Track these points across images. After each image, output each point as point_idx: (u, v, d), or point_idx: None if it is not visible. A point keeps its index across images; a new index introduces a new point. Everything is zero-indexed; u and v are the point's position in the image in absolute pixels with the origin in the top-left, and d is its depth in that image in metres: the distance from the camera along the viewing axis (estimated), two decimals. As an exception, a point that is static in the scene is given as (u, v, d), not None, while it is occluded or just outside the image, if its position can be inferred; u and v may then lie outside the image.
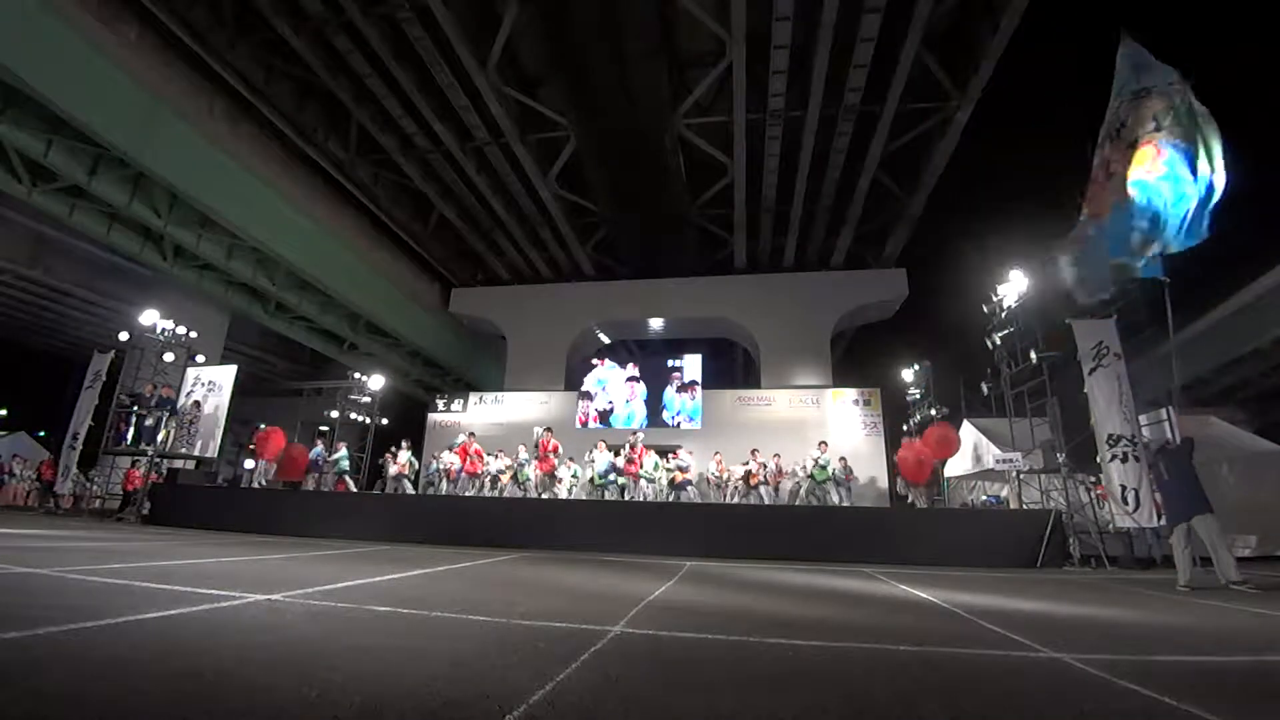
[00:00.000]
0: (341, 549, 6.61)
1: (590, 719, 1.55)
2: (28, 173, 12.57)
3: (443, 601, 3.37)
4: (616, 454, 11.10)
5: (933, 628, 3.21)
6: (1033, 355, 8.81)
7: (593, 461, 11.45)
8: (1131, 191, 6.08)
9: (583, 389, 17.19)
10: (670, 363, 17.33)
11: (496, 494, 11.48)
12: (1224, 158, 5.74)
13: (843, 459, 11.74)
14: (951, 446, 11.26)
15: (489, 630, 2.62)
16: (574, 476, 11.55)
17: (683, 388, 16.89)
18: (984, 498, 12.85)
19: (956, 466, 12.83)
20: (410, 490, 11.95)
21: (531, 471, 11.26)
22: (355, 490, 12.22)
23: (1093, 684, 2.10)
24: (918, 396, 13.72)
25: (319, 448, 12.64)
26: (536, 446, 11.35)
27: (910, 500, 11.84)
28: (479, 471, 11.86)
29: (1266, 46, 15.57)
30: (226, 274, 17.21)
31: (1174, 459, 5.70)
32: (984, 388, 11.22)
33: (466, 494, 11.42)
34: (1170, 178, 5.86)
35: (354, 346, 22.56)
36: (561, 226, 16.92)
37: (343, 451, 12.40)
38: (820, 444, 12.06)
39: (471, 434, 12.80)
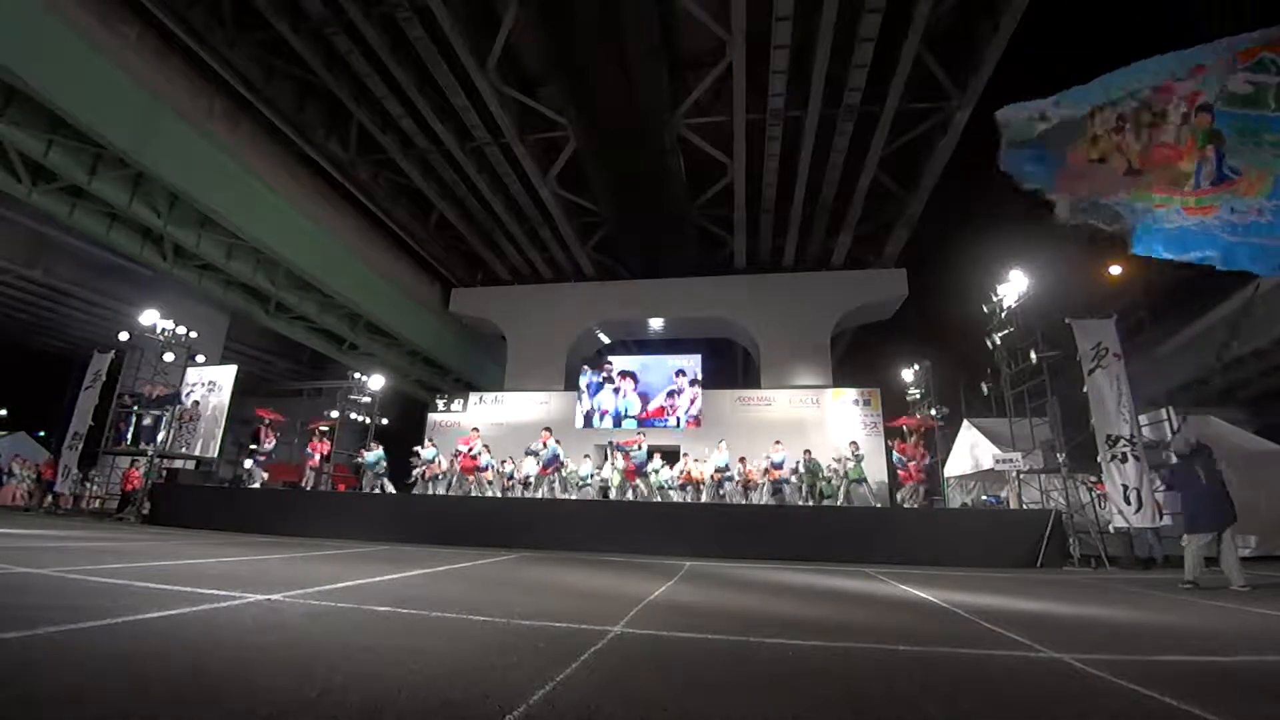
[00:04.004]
0: (341, 549, 6.61)
1: (590, 719, 1.55)
2: (28, 173, 12.56)
3: (443, 601, 3.37)
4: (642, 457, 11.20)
5: (933, 628, 3.21)
6: (1033, 355, 8.82)
7: (613, 463, 11.56)
8: None
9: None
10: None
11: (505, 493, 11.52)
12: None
13: (853, 443, 11.75)
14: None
15: (489, 630, 2.62)
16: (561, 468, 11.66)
17: (607, 379, 16.27)
18: (984, 498, 12.84)
19: (956, 466, 12.83)
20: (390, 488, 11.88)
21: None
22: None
23: (1093, 684, 2.10)
24: (918, 396, 13.72)
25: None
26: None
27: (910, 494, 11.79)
28: (472, 470, 11.82)
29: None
30: (226, 274, 17.19)
31: (1207, 464, 5.45)
32: (984, 388, 11.22)
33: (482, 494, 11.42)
34: None
35: (354, 346, 22.54)
36: (561, 226, 16.91)
37: (379, 452, 12.07)
38: (805, 452, 12.05)
39: (475, 429, 12.75)
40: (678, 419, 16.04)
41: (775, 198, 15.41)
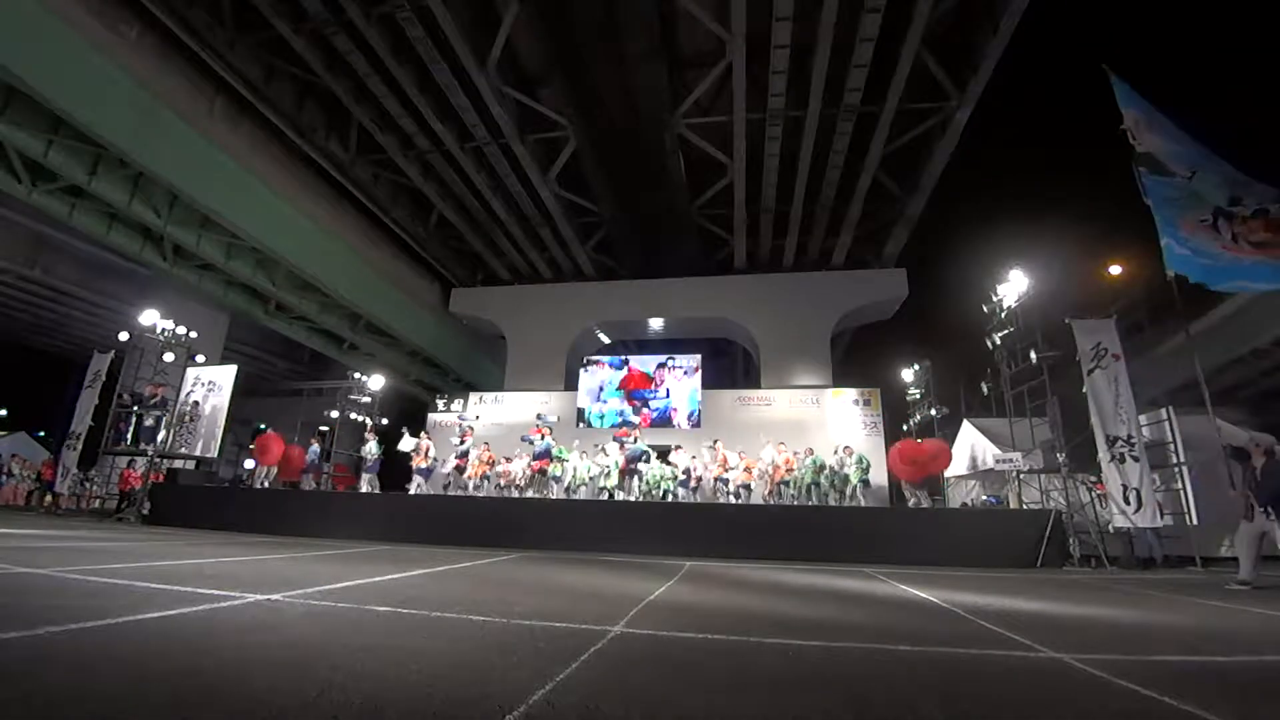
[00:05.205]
0: (342, 549, 6.61)
1: (590, 719, 1.55)
2: (28, 173, 12.56)
3: (443, 601, 3.37)
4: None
5: (933, 628, 3.21)
6: (1033, 355, 8.82)
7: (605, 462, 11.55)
8: None
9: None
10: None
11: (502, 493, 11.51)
12: None
13: (848, 448, 11.74)
14: (941, 461, 11.29)
15: (489, 630, 2.62)
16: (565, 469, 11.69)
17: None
18: (984, 498, 12.85)
19: (956, 466, 12.83)
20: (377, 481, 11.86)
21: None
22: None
23: (1093, 684, 2.10)
24: (918, 396, 13.73)
25: (315, 447, 12.63)
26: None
27: (912, 501, 11.82)
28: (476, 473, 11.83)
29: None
30: (226, 274, 17.20)
31: None
32: (984, 388, 11.23)
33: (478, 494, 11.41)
34: None
35: (354, 346, 22.55)
36: (561, 226, 16.91)
37: (372, 444, 11.98)
38: (807, 450, 12.04)
39: (469, 427, 12.70)
40: (667, 390, 16.22)
41: (775, 198, 15.40)
